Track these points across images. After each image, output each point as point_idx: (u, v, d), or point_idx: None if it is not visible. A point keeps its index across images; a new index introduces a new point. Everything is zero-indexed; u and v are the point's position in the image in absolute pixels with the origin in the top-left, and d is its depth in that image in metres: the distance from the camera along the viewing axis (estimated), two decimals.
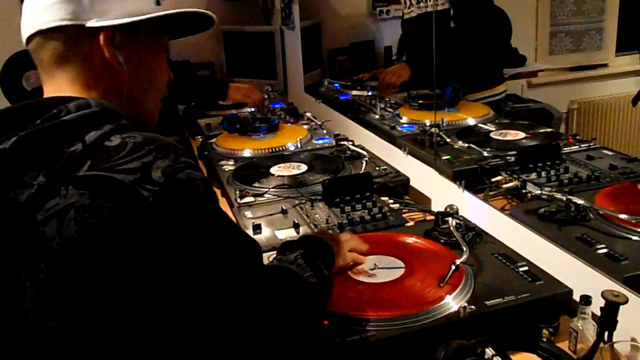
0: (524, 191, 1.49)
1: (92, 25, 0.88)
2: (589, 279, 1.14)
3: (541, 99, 2.38)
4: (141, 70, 0.95)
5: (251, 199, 1.70)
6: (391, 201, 1.67)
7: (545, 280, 1.15)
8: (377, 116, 2.33)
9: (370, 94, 2.68)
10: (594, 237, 1.24)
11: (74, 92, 0.89)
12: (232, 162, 2.01)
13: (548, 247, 1.27)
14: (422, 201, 1.77)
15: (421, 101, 2.29)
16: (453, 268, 1.16)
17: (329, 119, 2.47)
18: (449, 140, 1.87)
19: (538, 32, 2.43)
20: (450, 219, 1.35)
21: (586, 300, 1.05)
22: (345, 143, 2.05)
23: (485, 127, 2.02)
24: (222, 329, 0.84)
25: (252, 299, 0.86)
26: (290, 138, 2.19)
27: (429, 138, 1.90)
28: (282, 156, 2.05)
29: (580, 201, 1.32)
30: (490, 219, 1.47)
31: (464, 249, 1.22)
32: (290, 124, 2.45)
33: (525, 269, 1.19)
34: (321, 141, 2.20)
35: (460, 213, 1.38)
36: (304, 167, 1.91)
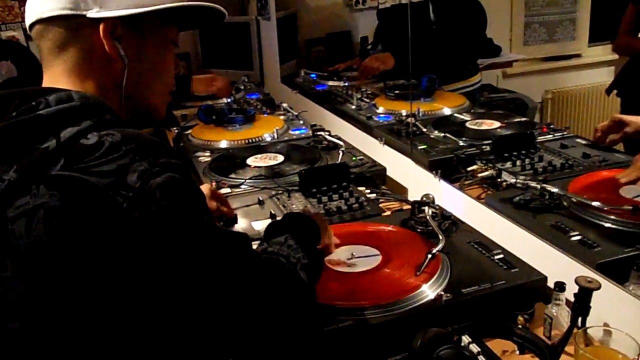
0: (499, 180, 1.51)
1: (93, 16, 0.85)
2: (563, 266, 1.15)
3: (516, 89, 2.40)
4: (144, 64, 0.92)
5: (228, 190, 1.69)
6: (368, 191, 1.67)
7: (520, 267, 1.16)
8: (353, 106, 2.33)
9: (346, 84, 2.67)
10: (567, 224, 1.26)
11: (69, 83, 0.87)
12: (208, 154, 2.00)
13: (523, 234, 1.28)
14: (398, 191, 1.78)
15: (397, 91, 2.29)
16: (429, 257, 1.17)
17: (306, 109, 2.46)
18: (425, 130, 1.87)
19: (513, 22, 2.45)
20: (426, 208, 1.35)
21: (560, 286, 1.06)
22: (321, 133, 2.04)
23: (461, 116, 2.03)
24: (221, 328, 0.81)
25: (249, 291, 0.83)
26: (266, 129, 2.18)
27: (405, 128, 1.91)
28: (259, 147, 2.04)
29: (554, 189, 1.33)
30: (466, 207, 1.48)
31: (440, 237, 1.23)
32: (266, 115, 2.44)
33: (501, 256, 1.20)
34: (298, 132, 2.19)
35: (436, 202, 1.38)
36: (280, 158, 1.90)
